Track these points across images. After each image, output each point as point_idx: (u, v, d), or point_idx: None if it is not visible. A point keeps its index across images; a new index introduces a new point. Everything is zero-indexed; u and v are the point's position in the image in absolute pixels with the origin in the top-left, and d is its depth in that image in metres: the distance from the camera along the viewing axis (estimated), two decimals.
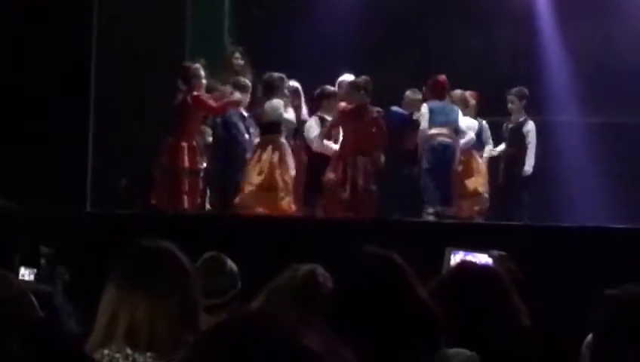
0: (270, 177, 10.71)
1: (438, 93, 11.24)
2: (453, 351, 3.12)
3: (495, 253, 6.64)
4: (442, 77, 11.33)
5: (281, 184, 10.72)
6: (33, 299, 3.51)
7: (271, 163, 10.73)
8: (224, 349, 1.55)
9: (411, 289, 3.13)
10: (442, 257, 6.60)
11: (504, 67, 13.39)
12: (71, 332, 4.94)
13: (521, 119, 11.88)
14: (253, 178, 10.75)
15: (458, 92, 11.65)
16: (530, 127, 11.81)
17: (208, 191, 11.39)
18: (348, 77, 11.49)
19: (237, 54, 12.18)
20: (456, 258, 6.78)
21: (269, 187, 10.72)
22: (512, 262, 6.25)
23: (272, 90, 11.05)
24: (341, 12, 13.24)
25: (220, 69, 11.97)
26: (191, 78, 11.07)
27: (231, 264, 5.19)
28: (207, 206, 11.38)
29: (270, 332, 1.58)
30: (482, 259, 6.16)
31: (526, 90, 11.97)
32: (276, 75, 11.16)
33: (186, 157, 10.82)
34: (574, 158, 12.85)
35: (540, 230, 9.70)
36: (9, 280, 3.47)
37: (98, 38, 10.45)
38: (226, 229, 9.32)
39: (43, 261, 6.63)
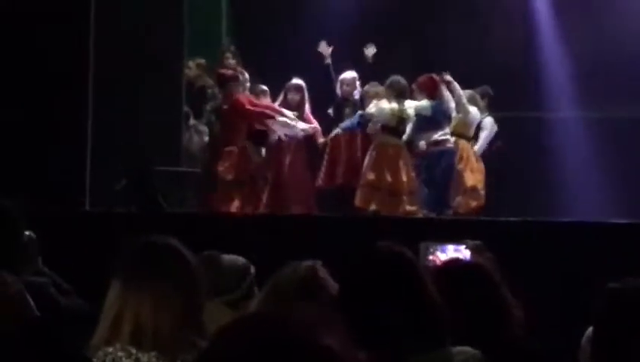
0: None
1: (431, 91, 11.03)
2: (457, 349, 3.09)
3: (470, 242, 6.60)
4: (435, 75, 11.13)
5: None
6: (29, 297, 3.50)
7: None
8: (244, 352, 1.50)
9: (423, 285, 3.11)
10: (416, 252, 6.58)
11: (501, 62, 13.35)
12: (75, 311, 4.90)
13: (483, 116, 11.72)
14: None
15: (468, 92, 11.40)
16: (486, 120, 11.68)
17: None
18: (350, 73, 11.46)
19: (228, 54, 12.21)
20: (435, 253, 6.78)
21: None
22: (488, 250, 6.23)
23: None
24: (338, 9, 13.26)
25: (215, 69, 11.99)
26: (225, 84, 11.14)
27: (230, 259, 5.12)
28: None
29: (290, 333, 1.53)
30: (462, 251, 6.20)
31: (489, 89, 11.85)
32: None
33: (242, 164, 10.92)
34: (573, 154, 12.84)
35: (533, 225, 9.67)
36: (4, 279, 3.46)
37: (95, 37, 10.41)
38: (225, 229, 9.31)
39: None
